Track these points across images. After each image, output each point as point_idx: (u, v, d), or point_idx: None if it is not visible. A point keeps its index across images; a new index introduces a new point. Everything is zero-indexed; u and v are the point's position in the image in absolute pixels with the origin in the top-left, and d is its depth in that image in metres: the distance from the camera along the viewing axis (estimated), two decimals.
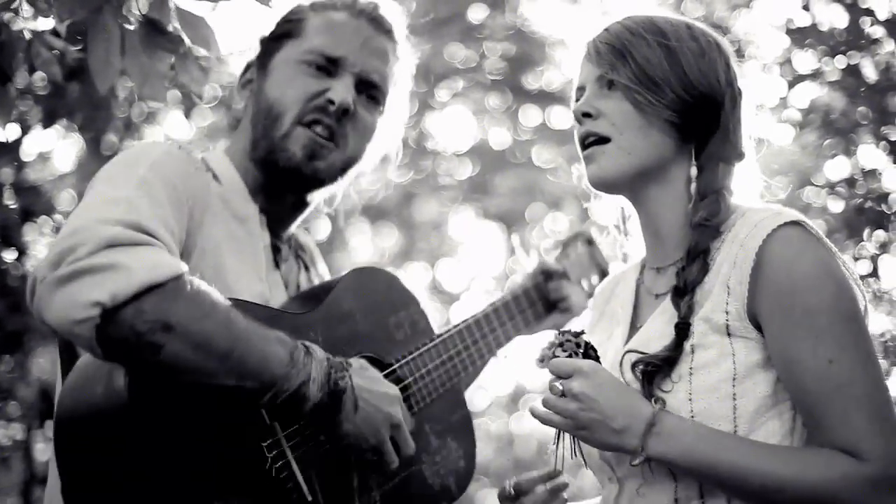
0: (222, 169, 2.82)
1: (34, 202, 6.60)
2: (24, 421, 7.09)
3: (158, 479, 2.31)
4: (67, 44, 2.54)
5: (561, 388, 2.35)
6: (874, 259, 4.73)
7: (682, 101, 2.48)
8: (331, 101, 2.80)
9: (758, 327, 2.36)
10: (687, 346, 2.39)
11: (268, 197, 2.88)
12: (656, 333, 2.47)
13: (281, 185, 2.86)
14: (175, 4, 2.39)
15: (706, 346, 2.38)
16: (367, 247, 12.79)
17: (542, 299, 3.25)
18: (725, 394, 2.35)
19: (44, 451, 7.23)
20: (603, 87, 2.53)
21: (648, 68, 2.48)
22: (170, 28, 2.44)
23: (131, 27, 2.36)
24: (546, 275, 3.28)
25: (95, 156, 8.09)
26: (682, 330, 2.40)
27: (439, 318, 13.57)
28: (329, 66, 2.84)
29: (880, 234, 4.78)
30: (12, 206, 6.51)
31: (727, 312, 2.37)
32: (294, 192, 2.90)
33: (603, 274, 3.36)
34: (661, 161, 2.51)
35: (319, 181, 2.89)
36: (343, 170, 2.91)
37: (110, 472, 2.32)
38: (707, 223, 2.46)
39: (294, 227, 3.02)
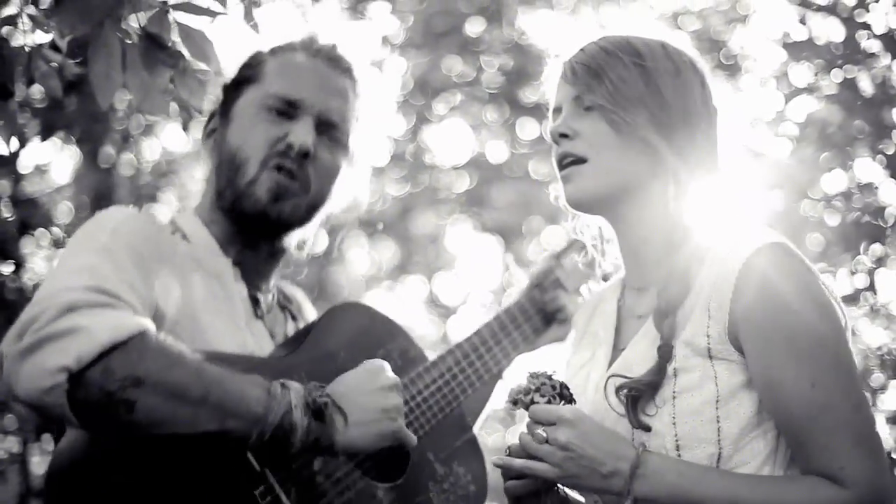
0: (190, 228, 2.82)
1: (32, 215, 6.58)
2: (21, 434, 7.07)
3: None
4: (67, 58, 2.54)
5: (545, 435, 2.34)
6: (871, 273, 4.72)
7: (658, 121, 2.46)
8: (290, 146, 2.80)
9: (739, 349, 2.36)
10: (669, 369, 2.39)
11: (241, 248, 2.88)
12: (639, 356, 2.47)
13: (250, 231, 2.85)
14: (174, 19, 2.40)
15: (688, 369, 2.37)
16: (364, 260, 12.77)
17: (538, 312, 3.22)
18: (709, 417, 2.35)
19: (40, 464, 7.20)
20: (580, 107, 2.52)
21: (624, 88, 2.47)
22: (169, 43, 2.45)
23: (131, 42, 2.36)
24: (540, 288, 3.26)
25: (92, 168, 8.09)
26: (665, 352, 2.39)
27: (436, 332, 13.57)
28: (289, 110, 2.85)
29: (877, 248, 4.77)
30: (9, 219, 6.49)
31: (708, 336, 2.36)
32: (263, 237, 2.88)
33: (604, 279, 3.34)
34: (639, 181, 2.49)
35: (286, 224, 2.88)
36: (308, 212, 2.91)
37: None
38: (686, 244, 2.46)
39: (274, 278, 3.00)
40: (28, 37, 2.52)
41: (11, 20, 2.40)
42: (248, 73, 2.92)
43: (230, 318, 2.74)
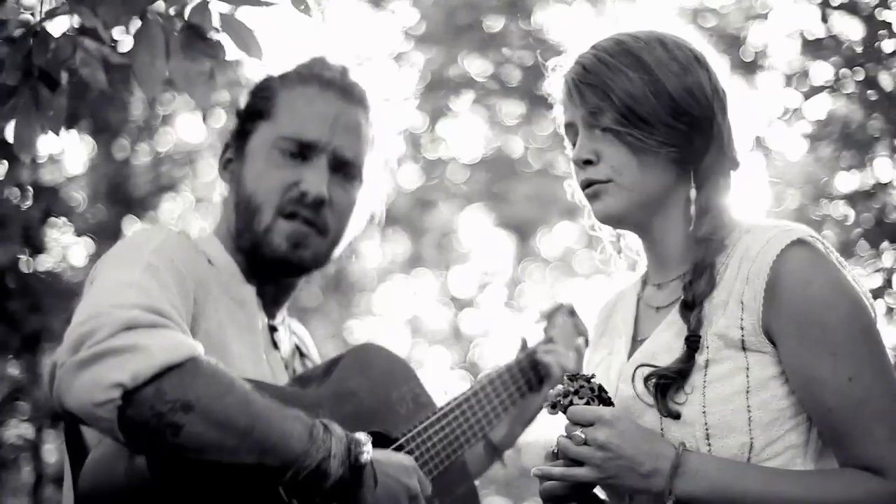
0: (215, 252, 2.82)
1: (53, 204, 6.62)
2: (35, 422, 7.11)
3: None
4: (112, 49, 2.55)
5: (583, 436, 2.35)
6: (889, 273, 4.72)
7: (675, 131, 2.44)
8: (304, 194, 2.80)
9: (772, 341, 2.36)
10: (700, 360, 2.39)
11: (259, 280, 2.89)
12: (663, 347, 2.47)
13: (269, 272, 2.87)
14: (218, 10, 2.40)
15: (720, 360, 2.38)
16: (376, 253, 12.79)
17: (533, 369, 3.24)
18: (739, 406, 2.36)
19: (52, 451, 7.25)
20: (594, 127, 2.48)
21: (635, 107, 2.43)
22: (210, 33, 2.46)
23: (174, 32, 2.37)
24: (531, 348, 3.29)
25: (108, 159, 8.14)
26: (693, 342, 2.40)
27: (448, 326, 13.59)
28: (302, 151, 2.83)
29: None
30: (31, 208, 6.52)
31: (742, 328, 2.37)
32: (283, 277, 2.91)
33: (587, 342, 3.35)
34: (663, 191, 2.49)
35: (307, 268, 2.90)
36: (329, 252, 2.92)
37: None
38: (712, 237, 2.46)
39: (286, 308, 3.02)
40: (69, 26, 2.52)
41: (53, 13, 2.39)
42: (260, 107, 2.90)
43: (253, 348, 2.76)
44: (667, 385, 2.40)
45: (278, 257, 2.82)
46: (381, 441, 2.71)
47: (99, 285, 2.46)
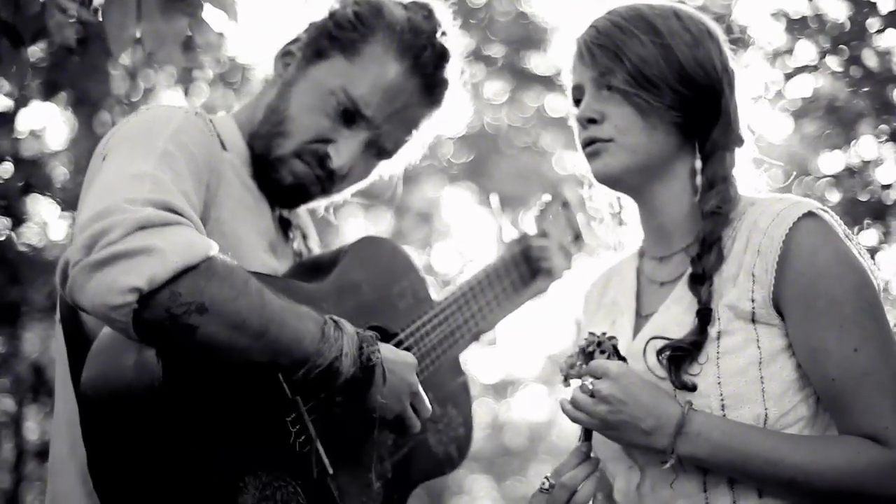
0: (230, 136, 2.77)
1: (33, 175, 6.58)
2: (16, 396, 7.08)
3: (190, 453, 2.31)
4: (81, 6, 2.51)
5: (591, 387, 2.37)
6: (872, 252, 4.72)
7: (682, 98, 2.47)
8: (328, 157, 2.77)
9: (781, 314, 2.38)
10: (712, 331, 2.41)
11: None
12: (673, 321, 2.49)
13: (264, 185, 2.84)
14: None
15: (731, 332, 2.40)
16: (359, 229, 12.78)
17: (526, 262, 3.27)
18: (753, 377, 2.37)
19: (34, 428, 7.22)
20: (601, 88, 2.52)
21: (645, 69, 2.47)
22: None
23: None
24: (526, 239, 3.30)
25: (88, 133, 8.08)
26: (705, 316, 2.41)
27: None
28: (353, 115, 2.78)
29: (878, 226, 4.78)
30: (6, 179, 6.48)
31: (753, 300, 2.39)
32: (271, 199, 2.87)
33: (577, 237, 3.40)
34: (665, 157, 2.51)
35: (295, 206, 2.90)
36: (325, 197, 2.91)
37: (142, 445, 2.32)
38: (719, 211, 2.47)
39: None
40: None
41: None
42: (349, 40, 2.81)
43: (264, 237, 2.75)
44: (680, 357, 2.42)
45: (277, 187, 2.80)
46: (380, 335, 2.70)
47: (113, 173, 2.39)
